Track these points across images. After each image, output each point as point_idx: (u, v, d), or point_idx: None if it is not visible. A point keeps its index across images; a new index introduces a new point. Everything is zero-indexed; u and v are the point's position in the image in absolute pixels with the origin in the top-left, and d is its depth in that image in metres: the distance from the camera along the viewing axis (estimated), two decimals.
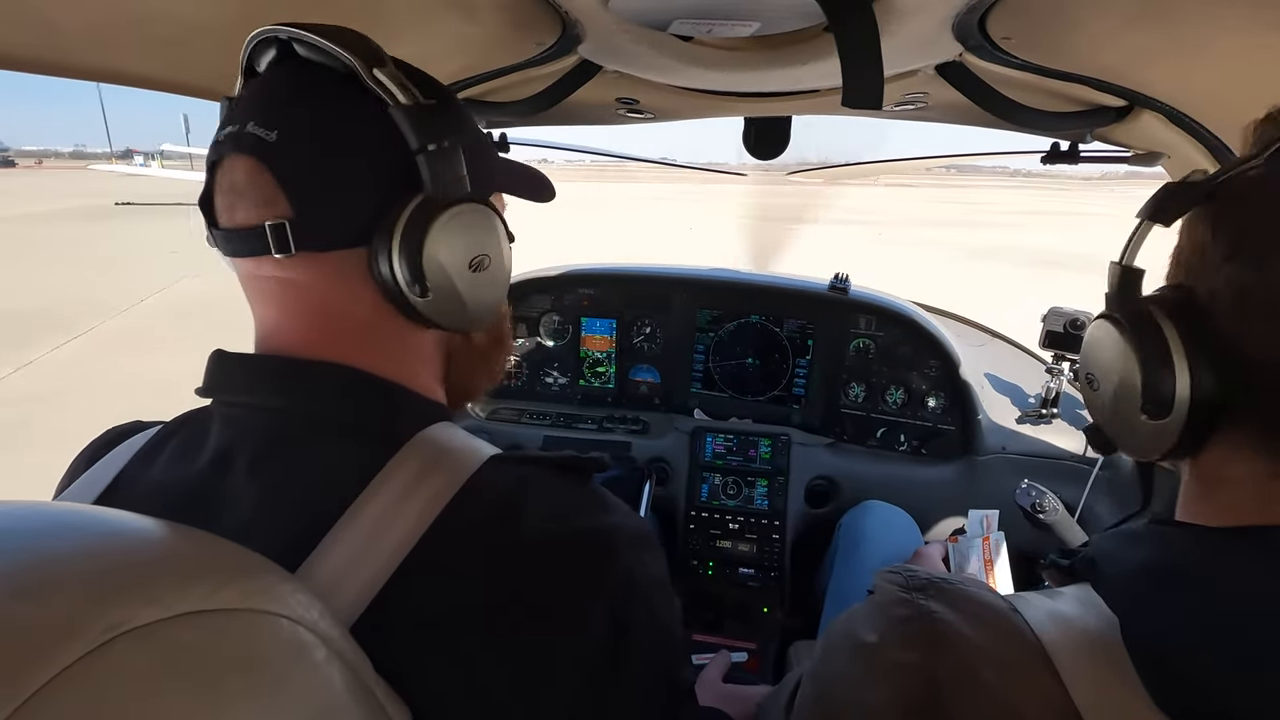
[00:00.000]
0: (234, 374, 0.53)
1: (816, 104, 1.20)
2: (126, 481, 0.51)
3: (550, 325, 1.92)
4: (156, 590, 0.31)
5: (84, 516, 0.36)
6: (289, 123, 0.48)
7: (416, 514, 0.45)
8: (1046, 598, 0.44)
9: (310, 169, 0.49)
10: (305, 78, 0.50)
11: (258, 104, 0.50)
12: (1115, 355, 0.45)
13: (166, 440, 0.53)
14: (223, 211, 0.51)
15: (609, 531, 0.49)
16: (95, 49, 0.71)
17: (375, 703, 0.39)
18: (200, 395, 0.54)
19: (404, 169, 0.50)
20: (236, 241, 0.50)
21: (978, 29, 0.74)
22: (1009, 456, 1.62)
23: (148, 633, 0.30)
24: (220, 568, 0.35)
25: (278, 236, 0.48)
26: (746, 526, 1.70)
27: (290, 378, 0.51)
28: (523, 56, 0.94)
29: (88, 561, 0.32)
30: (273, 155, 0.48)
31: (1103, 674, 0.38)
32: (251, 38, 0.52)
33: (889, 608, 0.46)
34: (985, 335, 2.17)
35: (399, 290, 0.51)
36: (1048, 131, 1.12)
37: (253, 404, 0.51)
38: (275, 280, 0.51)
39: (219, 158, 0.50)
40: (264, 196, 0.49)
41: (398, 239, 0.49)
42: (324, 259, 0.50)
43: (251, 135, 0.48)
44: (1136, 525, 0.46)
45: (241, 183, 0.49)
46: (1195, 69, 0.75)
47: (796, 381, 1.82)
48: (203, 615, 0.32)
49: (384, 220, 0.50)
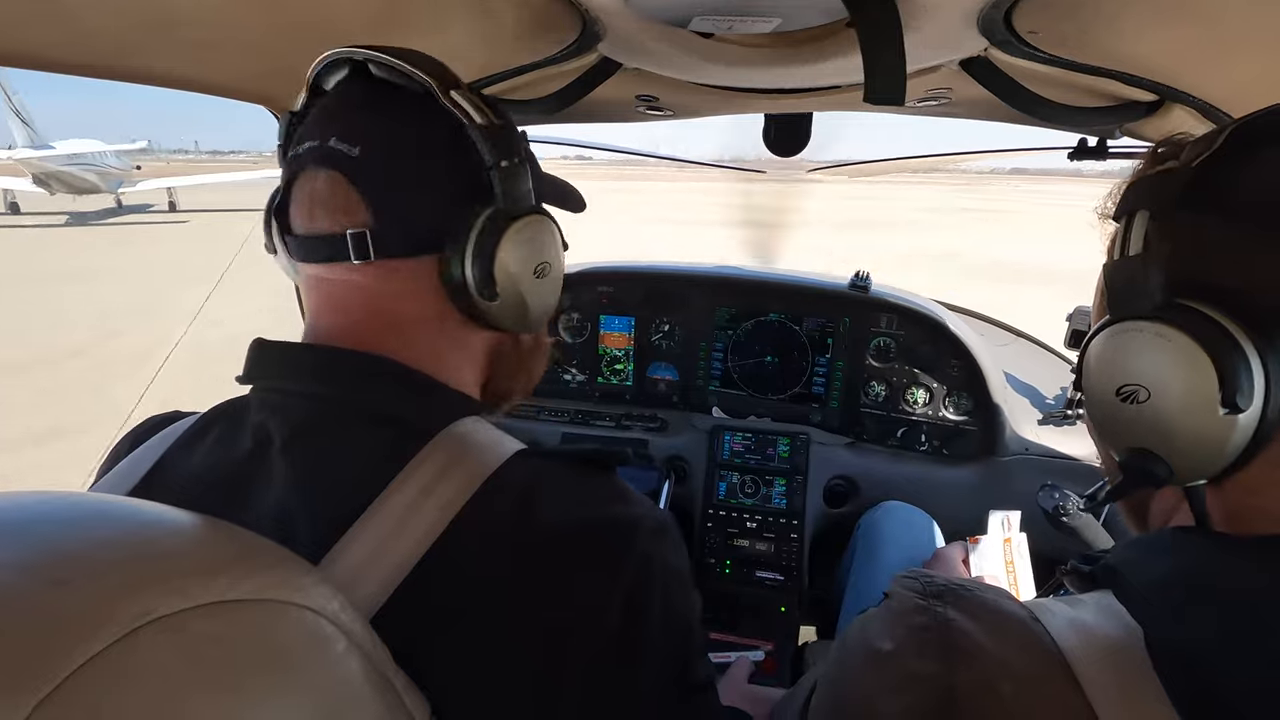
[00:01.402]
0: (274, 361, 0.55)
1: (837, 100, 1.19)
2: (166, 468, 0.53)
3: (569, 322, 1.92)
4: (182, 581, 0.32)
5: (113, 507, 0.37)
6: (370, 139, 0.53)
7: (440, 508, 0.46)
8: (1067, 606, 0.43)
9: (389, 183, 0.53)
10: (382, 96, 0.54)
11: (338, 120, 0.54)
12: (1169, 354, 0.41)
13: (206, 428, 0.55)
14: (301, 219, 0.55)
15: (630, 522, 0.50)
16: (127, 51, 0.72)
17: (394, 694, 0.39)
18: (241, 383, 0.56)
19: (472, 182, 0.55)
20: (315, 247, 0.54)
21: (1003, 23, 0.72)
22: (1032, 458, 1.60)
23: (173, 622, 0.30)
24: (243, 559, 0.36)
25: (358, 244, 0.52)
26: (764, 526, 1.69)
27: (329, 366, 0.54)
28: (543, 54, 0.94)
29: (116, 551, 0.33)
30: (356, 169, 0.52)
31: (1126, 686, 0.37)
32: (323, 58, 0.56)
33: (906, 615, 0.45)
34: (1009, 334, 2.13)
35: (468, 294, 0.55)
36: (1075, 127, 1.10)
37: (291, 389, 0.54)
38: (343, 283, 0.55)
39: (300, 170, 0.54)
40: (345, 206, 0.53)
41: (471, 247, 0.54)
42: (395, 264, 0.54)
43: (335, 150, 0.52)
44: (1159, 531, 0.45)
45: (323, 193, 0.53)
46: (1229, 61, 0.73)
47: (816, 380, 1.81)
48: (226, 605, 0.33)
49: (457, 229, 0.54)
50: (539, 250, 0.58)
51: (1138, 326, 0.42)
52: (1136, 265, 0.43)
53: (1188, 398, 0.40)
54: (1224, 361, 0.38)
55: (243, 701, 0.32)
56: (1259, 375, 0.38)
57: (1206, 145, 0.42)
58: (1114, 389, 0.44)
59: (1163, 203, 0.43)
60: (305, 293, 0.58)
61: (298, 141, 0.55)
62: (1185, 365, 0.40)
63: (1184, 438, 0.41)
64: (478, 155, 0.54)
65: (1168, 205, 0.43)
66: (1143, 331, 0.42)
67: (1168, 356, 0.41)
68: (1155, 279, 0.43)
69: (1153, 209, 0.43)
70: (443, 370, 0.57)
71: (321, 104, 0.57)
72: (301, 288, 0.59)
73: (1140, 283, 0.43)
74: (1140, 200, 0.44)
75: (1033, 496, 1.54)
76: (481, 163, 0.55)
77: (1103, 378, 0.45)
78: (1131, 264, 0.44)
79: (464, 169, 0.55)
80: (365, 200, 0.53)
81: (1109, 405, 0.45)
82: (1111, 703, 0.37)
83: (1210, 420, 0.40)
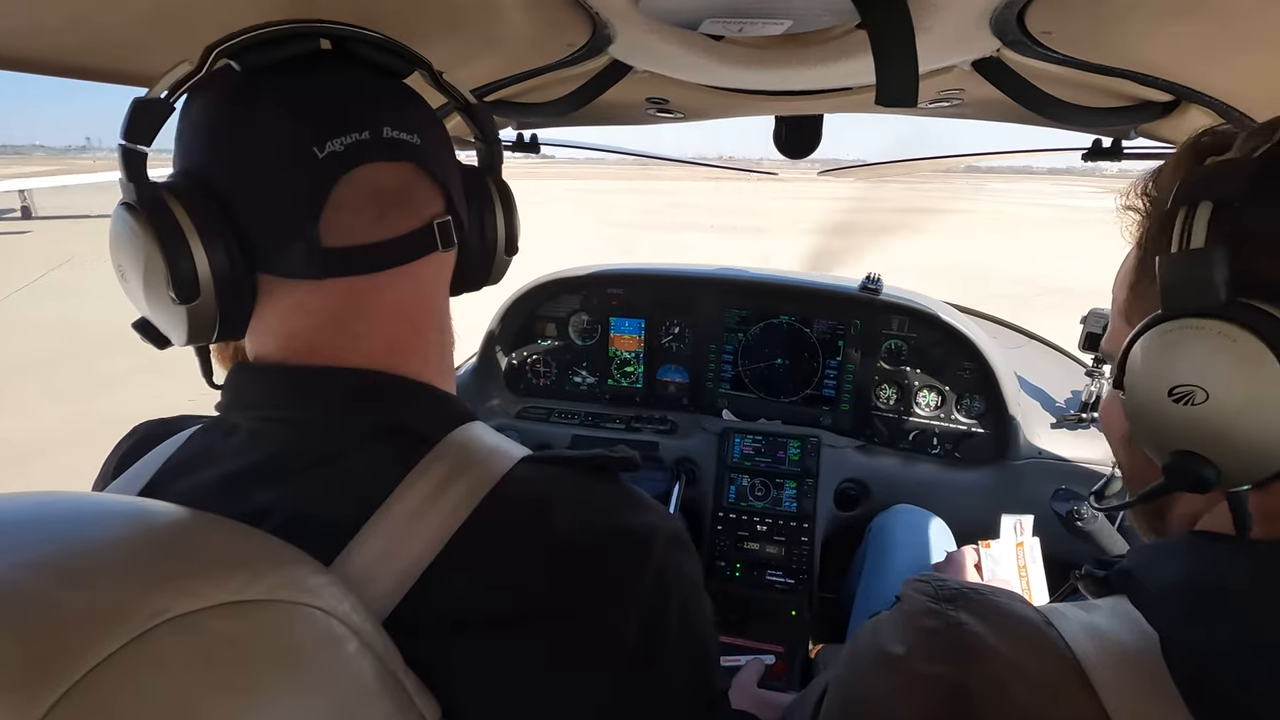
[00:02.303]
0: (260, 387, 0.52)
1: (849, 102, 1.18)
2: (156, 494, 0.51)
3: (579, 325, 1.92)
4: (196, 580, 0.32)
5: (126, 506, 0.38)
6: (420, 125, 0.51)
7: (447, 514, 0.45)
8: (1082, 610, 0.43)
9: (447, 167, 0.55)
10: (393, 81, 0.53)
11: (375, 109, 0.49)
12: (1231, 356, 0.39)
13: (195, 450, 0.53)
14: (363, 226, 0.48)
15: (644, 531, 0.49)
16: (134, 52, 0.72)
17: (404, 694, 0.39)
18: (220, 411, 0.53)
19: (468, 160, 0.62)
20: (393, 251, 0.50)
21: (1016, 24, 0.72)
22: (1045, 461, 1.58)
23: (188, 621, 0.31)
24: (256, 559, 0.36)
25: (445, 232, 0.53)
26: (774, 529, 1.69)
27: (315, 387, 0.50)
28: (553, 58, 0.94)
29: (130, 551, 0.33)
30: (424, 157, 0.51)
31: (1141, 692, 0.36)
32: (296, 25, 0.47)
33: (917, 618, 0.44)
34: (1022, 337, 2.12)
35: (489, 255, 0.61)
36: (1089, 128, 1.09)
37: (280, 417, 0.50)
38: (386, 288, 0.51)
39: (349, 166, 0.47)
40: (424, 198, 0.52)
41: (498, 204, 0.61)
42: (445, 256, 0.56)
43: (397, 140, 0.49)
44: (1176, 537, 0.44)
45: (394, 188, 0.50)
46: (1246, 61, 0.72)
47: (827, 383, 1.80)
48: (239, 605, 0.33)
49: (480, 194, 0.60)
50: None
51: (1197, 324, 0.40)
52: (1198, 260, 0.40)
53: (1252, 401, 0.39)
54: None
55: (256, 701, 0.32)
56: None
57: (1266, 136, 0.40)
58: (1166, 389, 0.42)
59: (1228, 194, 0.40)
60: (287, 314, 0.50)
61: (314, 139, 0.46)
62: (1251, 367, 0.38)
63: (1241, 441, 0.40)
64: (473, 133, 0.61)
65: (1234, 196, 0.40)
66: (1203, 330, 0.40)
67: (1232, 357, 0.39)
68: (1219, 275, 0.40)
69: (1217, 200, 0.41)
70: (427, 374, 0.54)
71: (310, 88, 0.48)
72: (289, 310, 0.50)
73: (1201, 279, 0.40)
74: (1202, 191, 0.41)
75: (1046, 500, 1.53)
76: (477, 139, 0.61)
77: (1152, 377, 0.43)
78: (1192, 258, 0.41)
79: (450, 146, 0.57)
80: (440, 189, 0.53)
81: (1157, 406, 0.43)
82: (1127, 709, 0.36)
83: (1273, 424, 0.38)
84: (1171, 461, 0.44)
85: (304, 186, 0.47)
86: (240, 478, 0.49)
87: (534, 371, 1.97)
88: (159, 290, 0.46)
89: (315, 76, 0.49)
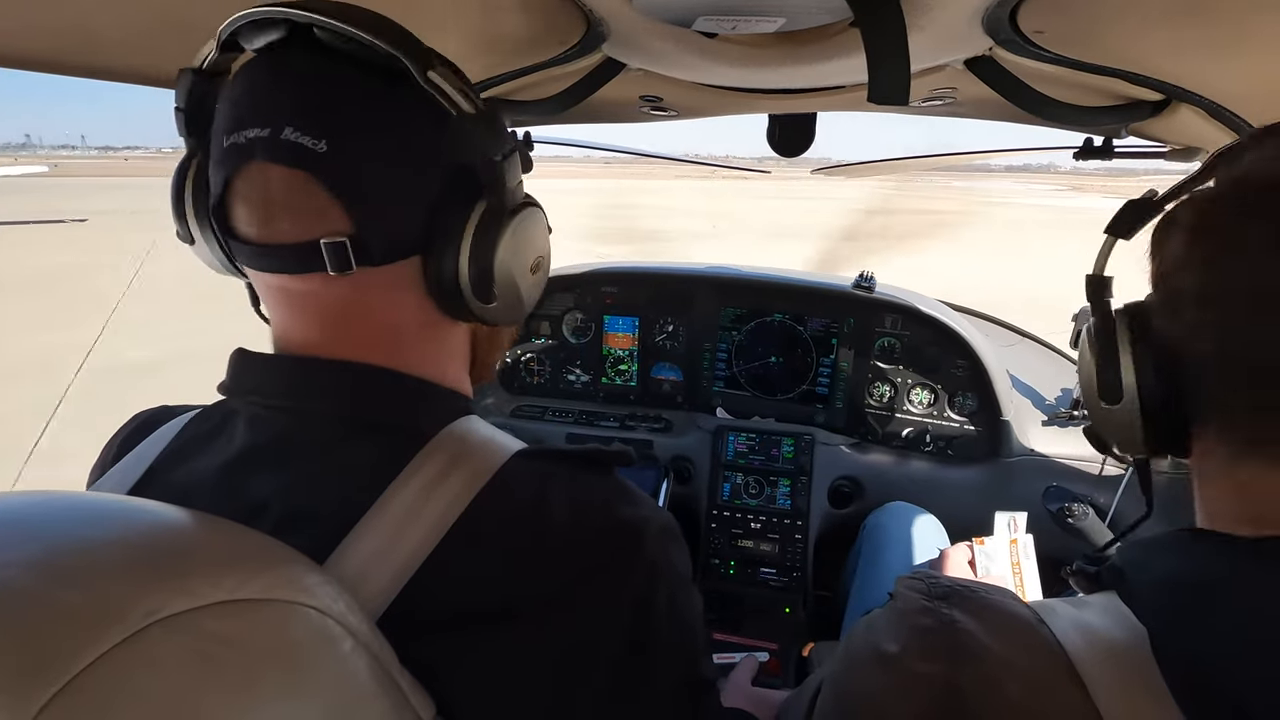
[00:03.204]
0: (259, 374, 0.52)
1: (842, 100, 1.18)
2: (155, 480, 0.51)
3: (573, 323, 1.92)
4: (190, 580, 0.32)
5: (119, 506, 0.37)
6: (338, 130, 0.45)
7: (442, 509, 0.45)
8: (1073, 607, 0.43)
9: (367, 181, 0.46)
10: (344, 76, 0.45)
11: (290, 106, 0.45)
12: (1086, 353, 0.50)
13: (195, 436, 0.53)
14: (252, 223, 0.47)
15: (636, 524, 0.49)
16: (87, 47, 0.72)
17: (399, 693, 0.39)
18: (222, 393, 0.54)
19: (456, 175, 0.49)
20: (279, 258, 0.47)
21: (1009, 22, 0.72)
22: (1038, 459, 1.59)
23: (181, 621, 0.30)
24: (250, 558, 0.36)
25: (337, 255, 0.45)
26: (768, 526, 1.69)
27: (315, 378, 0.50)
28: (547, 55, 0.94)
29: (124, 550, 0.33)
30: (324, 167, 0.44)
31: (1132, 688, 0.37)
32: (245, 15, 0.46)
33: (911, 616, 0.45)
34: (1015, 335, 2.13)
35: (458, 296, 0.50)
36: (1080, 127, 1.10)
37: (279, 405, 0.50)
38: (313, 294, 0.49)
39: (244, 163, 0.45)
40: (314, 210, 0.45)
41: (466, 249, 0.49)
42: (375, 272, 0.48)
43: (293, 144, 0.44)
44: (1164, 533, 0.44)
45: (282, 195, 0.45)
46: (1236, 60, 0.73)
47: (820, 381, 1.80)
48: (233, 604, 0.33)
49: (446, 228, 0.49)
50: (535, 244, 0.54)
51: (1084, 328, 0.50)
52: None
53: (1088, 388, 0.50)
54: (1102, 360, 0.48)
55: (250, 700, 0.32)
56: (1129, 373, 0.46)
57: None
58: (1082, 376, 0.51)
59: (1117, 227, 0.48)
60: (267, 299, 0.52)
61: (231, 127, 0.46)
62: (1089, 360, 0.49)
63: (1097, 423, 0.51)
64: (466, 146, 0.48)
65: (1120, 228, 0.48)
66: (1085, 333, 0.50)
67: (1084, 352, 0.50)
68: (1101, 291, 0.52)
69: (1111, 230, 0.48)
70: (430, 369, 0.54)
71: (252, 78, 0.47)
72: (262, 293, 0.53)
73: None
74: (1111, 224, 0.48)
75: (1038, 497, 1.54)
76: (470, 154, 0.49)
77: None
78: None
79: (444, 160, 0.49)
80: (340, 203, 0.45)
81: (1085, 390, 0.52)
82: (1116, 704, 0.36)
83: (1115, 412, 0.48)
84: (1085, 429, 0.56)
85: (216, 173, 0.48)
86: (237, 466, 0.49)
87: (528, 370, 1.96)
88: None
89: (277, 63, 0.47)
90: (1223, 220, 0.41)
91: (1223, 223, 0.41)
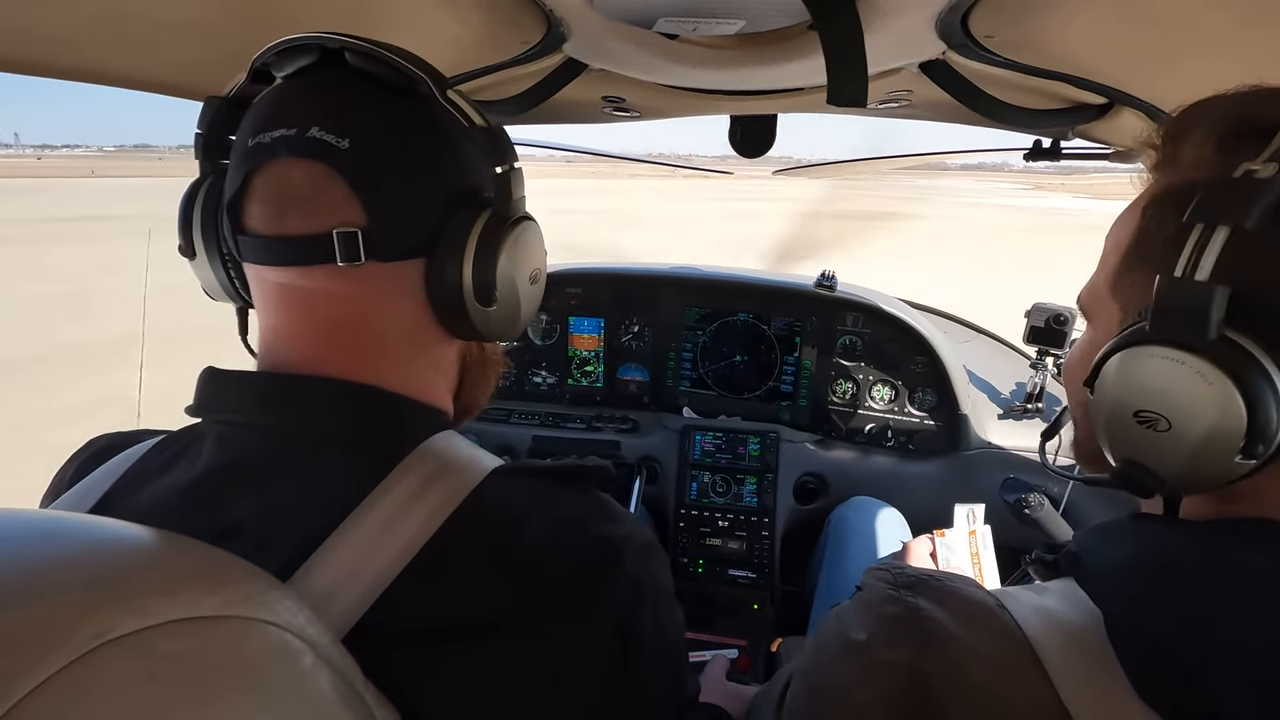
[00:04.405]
0: (228, 392, 0.51)
1: (802, 102, 1.20)
2: (114, 503, 0.49)
3: (537, 325, 1.91)
4: (142, 598, 0.31)
5: (67, 524, 0.36)
6: (362, 131, 0.48)
7: (417, 526, 0.44)
8: (1033, 593, 0.44)
9: (385, 180, 0.49)
10: (368, 89, 0.49)
11: (318, 110, 0.48)
12: (1201, 393, 0.39)
13: (156, 460, 0.51)
14: (265, 219, 0.49)
15: (617, 541, 0.49)
16: (75, 49, 0.70)
17: (364, 708, 0.38)
18: (191, 415, 0.52)
19: (465, 185, 0.53)
20: (288, 250, 0.48)
21: (960, 27, 0.74)
22: (994, 452, 1.64)
23: (133, 641, 0.29)
24: (206, 574, 0.35)
25: (348, 245, 0.47)
26: (736, 524, 1.70)
27: (288, 395, 0.50)
28: (508, 54, 0.93)
29: (70, 569, 0.31)
30: (346, 162, 0.47)
31: (1089, 669, 0.38)
32: (283, 42, 0.50)
33: (878, 606, 0.46)
34: (970, 331, 2.19)
35: (459, 300, 0.52)
36: (1030, 129, 1.13)
37: (248, 422, 0.49)
38: (317, 291, 0.50)
39: (265, 160, 0.48)
40: (331, 204, 0.48)
41: (471, 252, 0.51)
42: (381, 269, 0.50)
43: (318, 140, 0.47)
44: (1119, 519, 0.46)
45: (301, 188, 0.48)
46: (1172, 64, 0.76)
47: (784, 379, 1.83)
48: (188, 623, 0.32)
49: (452, 233, 0.51)
50: (534, 256, 0.56)
51: (1179, 358, 0.40)
52: (1199, 292, 0.39)
53: (1210, 440, 0.40)
54: (1258, 413, 0.38)
55: (208, 719, 0.31)
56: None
57: None
58: (1132, 411, 0.43)
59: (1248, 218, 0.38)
60: (264, 305, 0.52)
61: (256, 130, 0.49)
62: (1218, 411, 0.39)
63: (1190, 468, 0.41)
64: (475, 158, 0.52)
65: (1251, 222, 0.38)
66: (1185, 365, 0.40)
67: (1203, 398, 0.39)
68: (1216, 312, 0.39)
69: (1234, 225, 0.38)
70: (414, 385, 0.53)
71: (281, 91, 0.51)
72: (259, 298, 0.53)
73: (1196, 312, 0.39)
74: (1222, 212, 0.39)
75: (996, 489, 1.58)
76: (478, 166, 0.52)
77: (1123, 396, 0.43)
78: (1194, 289, 0.39)
79: (459, 171, 0.52)
80: (356, 196, 0.48)
81: (1122, 419, 0.44)
82: (1075, 685, 0.38)
83: (1224, 460, 0.40)
84: (1121, 467, 0.45)
85: (236, 173, 0.50)
86: (206, 486, 0.47)
87: None
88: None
89: (306, 79, 0.51)
90: None
91: None
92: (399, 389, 0.52)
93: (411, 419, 0.52)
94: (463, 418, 0.63)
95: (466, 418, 0.63)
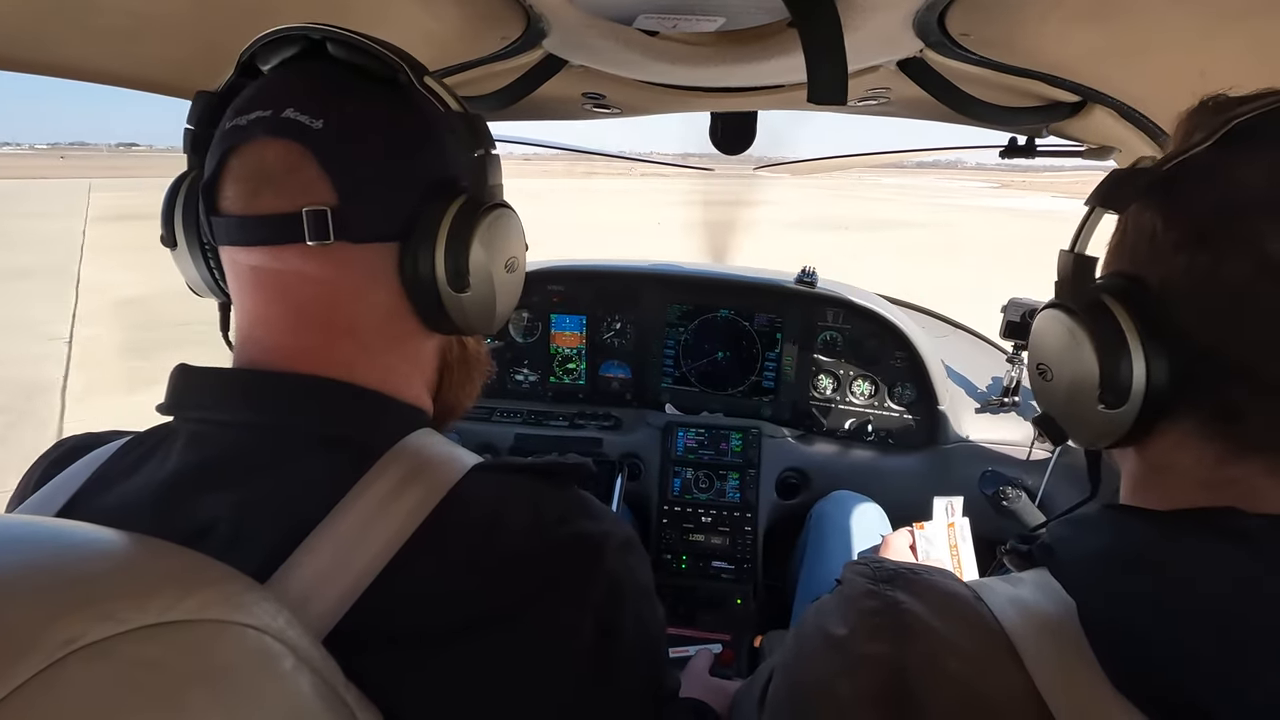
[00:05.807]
0: (201, 390, 0.50)
1: (782, 99, 1.21)
2: (81, 505, 0.48)
3: (520, 322, 1.90)
4: (112, 604, 0.30)
5: (33, 529, 0.35)
6: (337, 114, 0.48)
7: (397, 525, 0.44)
8: (1009, 584, 0.45)
9: (358, 160, 0.49)
10: (346, 76, 0.50)
11: (294, 93, 0.48)
12: (1068, 345, 0.46)
13: (124, 460, 0.50)
14: (240, 197, 0.49)
15: (597, 538, 0.49)
16: (39, 42, 0.68)
17: (346, 709, 0.38)
18: (163, 413, 0.51)
19: (441, 171, 0.52)
20: (259, 229, 0.48)
21: (937, 25, 0.75)
22: (971, 445, 1.66)
23: (103, 648, 0.29)
24: (180, 578, 0.34)
25: (317, 223, 0.47)
26: (719, 520, 1.71)
27: (263, 392, 0.49)
28: (487, 50, 0.93)
29: (37, 575, 0.31)
30: (319, 142, 0.47)
31: (1064, 659, 0.39)
32: (268, 34, 0.51)
33: (858, 600, 0.46)
34: (948, 326, 2.21)
35: (433, 286, 0.51)
36: (1005, 126, 1.15)
37: (222, 420, 0.49)
38: (289, 274, 0.49)
39: (241, 141, 0.48)
40: (303, 183, 0.47)
41: (444, 236, 0.50)
42: (353, 252, 0.49)
43: (293, 121, 0.47)
44: (1091, 511, 0.47)
45: (274, 167, 0.48)
46: (1144, 65, 0.77)
47: (766, 375, 1.83)
48: (162, 628, 0.31)
49: (425, 218, 0.51)
50: (510, 244, 0.56)
51: (1059, 316, 0.47)
52: (1070, 260, 0.48)
53: (1074, 386, 0.46)
54: (1109, 364, 0.43)
55: None
56: (1140, 376, 0.43)
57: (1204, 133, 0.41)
58: (1035, 363, 0.51)
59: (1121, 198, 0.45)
60: (240, 292, 0.52)
61: (236, 113, 0.49)
62: (1075, 360, 0.46)
63: (1068, 414, 0.49)
64: (451, 144, 0.52)
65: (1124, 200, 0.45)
66: (1060, 321, 0.47)
67: (1067, 349, 0.46)
68: (1085, 273, 0.47)
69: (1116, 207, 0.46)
70: (390, 381, 0.53)
71: (263, 81, 0.51)
72: (234, 285, 0.52)
73: (1069, 277, 0.48)
74: (1100, 195, 0.46)
75: (974, 482, 1.61)
76: (454, 152, 0.53)
77: (1032, 350, 0.52)
78: (1068, 257, 0.48)
79: (435, 157, 0.52)
80: (328, 176, 0.47)
81: (1033, 375, 0.52)
82: (1049, 675, 0.38)
83: (1088, 406, 0.45)
84: (1038, 418, 0.53)
85: (212, 156, 0.50)
86: (180, 484, 0.46)
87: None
88: None
89: (284, 68, 0.52)
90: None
91: None
92: (374, 384, 0.51)
93: (388, 416, 0.52)
94: (446, 419, 0.62)
95: (450, 419, 0.63)
